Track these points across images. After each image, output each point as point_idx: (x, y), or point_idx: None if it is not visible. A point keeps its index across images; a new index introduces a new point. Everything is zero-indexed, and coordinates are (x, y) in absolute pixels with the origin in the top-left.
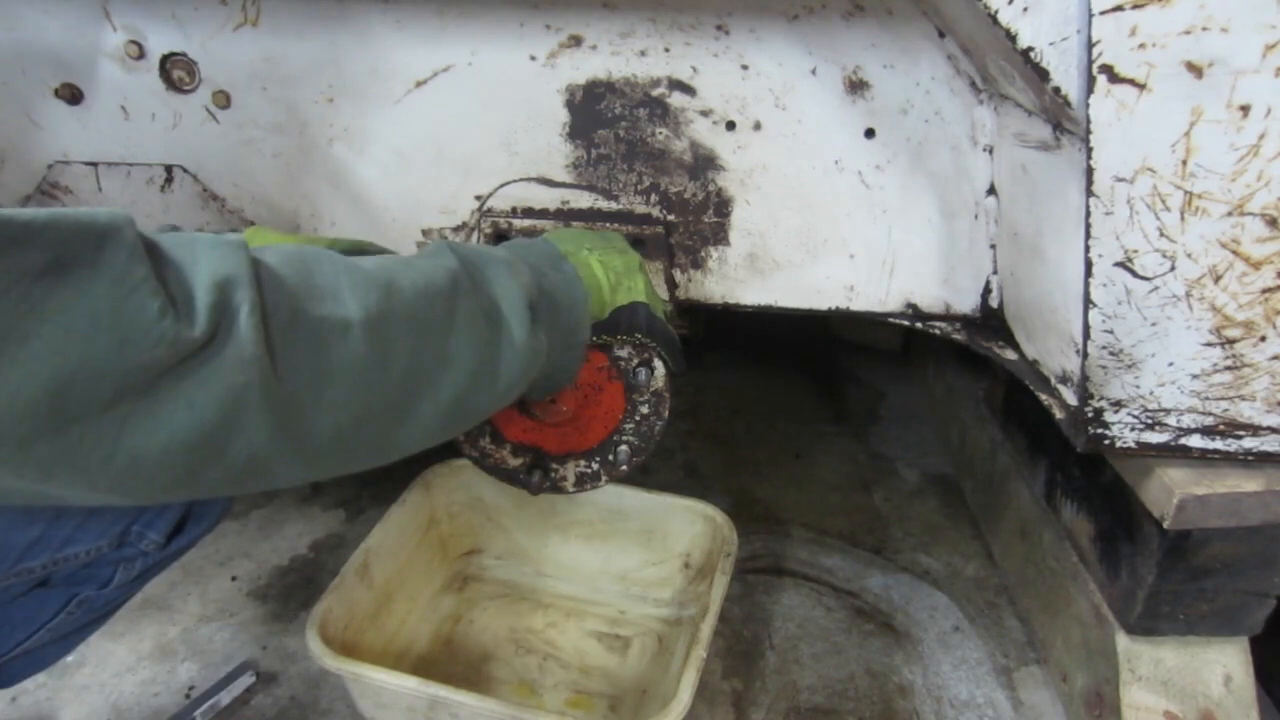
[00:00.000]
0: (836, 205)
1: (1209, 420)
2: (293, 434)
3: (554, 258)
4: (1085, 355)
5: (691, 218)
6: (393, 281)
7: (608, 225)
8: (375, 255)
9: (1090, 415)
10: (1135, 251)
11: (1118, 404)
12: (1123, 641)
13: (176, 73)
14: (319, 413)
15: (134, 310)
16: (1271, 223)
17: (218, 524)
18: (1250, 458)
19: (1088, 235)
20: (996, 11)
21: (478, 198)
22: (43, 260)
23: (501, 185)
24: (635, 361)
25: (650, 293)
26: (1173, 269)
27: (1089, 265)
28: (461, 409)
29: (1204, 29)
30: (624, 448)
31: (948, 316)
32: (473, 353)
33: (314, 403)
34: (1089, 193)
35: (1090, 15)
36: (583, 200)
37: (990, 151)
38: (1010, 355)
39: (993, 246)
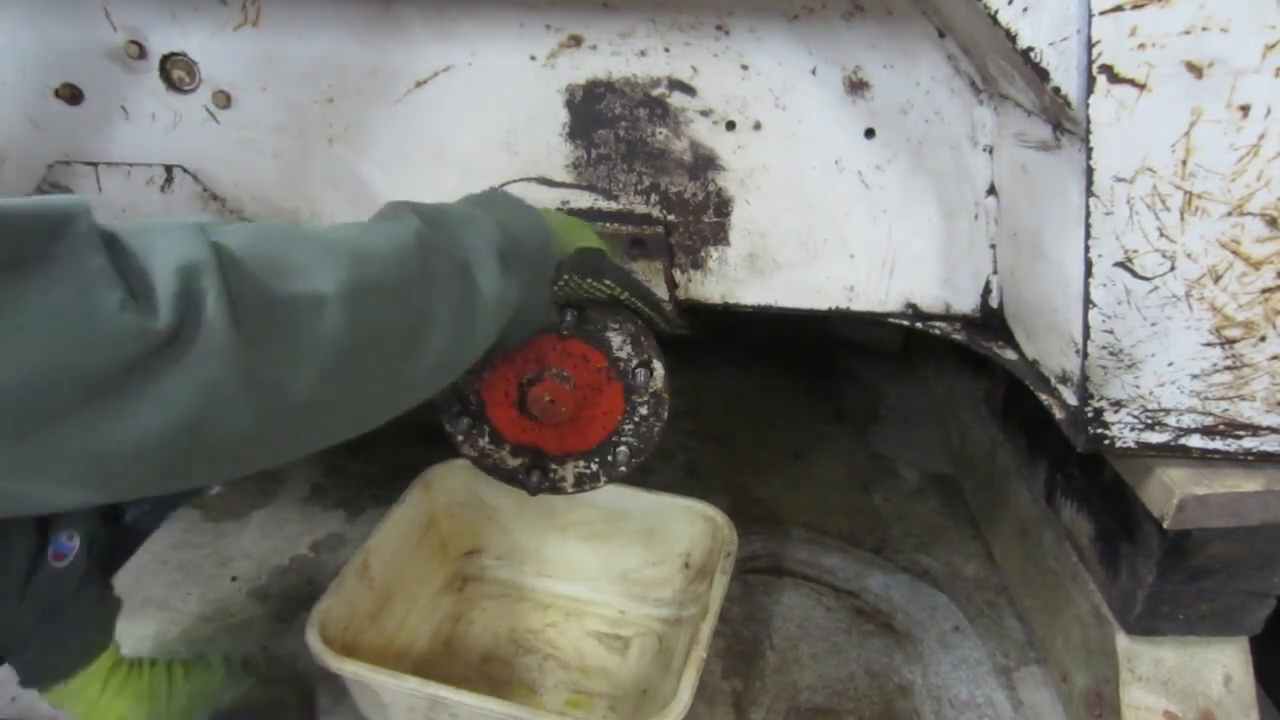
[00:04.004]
0: (836, 205)
1: (1209, 420)
2: (279, 417)
3: (514, 202)
4: (1085, 355)
5: (691, 218)
6: (363, 250)
7: (607, 225)
8: (336, 224)
9: (1090, 415)
10: (1135, 251)
11: (1118, 404)
12: (1123, 641)
13: (176, 73)
14: (303, 392)
15: (93, 305)
16: (1271, 223)
17: None
18: (1250, 458)
19: (1088, 235)
20: (996, 11)
21: None
22: None
23: (501, 185)
24: (635, 363)
25: (606, 246)
26: (1173, 269)
27: (1089, 265)
28: (444, 366)
29: (1204, 29)
30: (623, 448)
31: (948, 316)
32: (450, 311)
33: (297, 382)
34: (1089, 193)
35: (1090, 15)
36: (583, 200)
37: (990, 151)
38: (1010, 355)
39: (993, 246)
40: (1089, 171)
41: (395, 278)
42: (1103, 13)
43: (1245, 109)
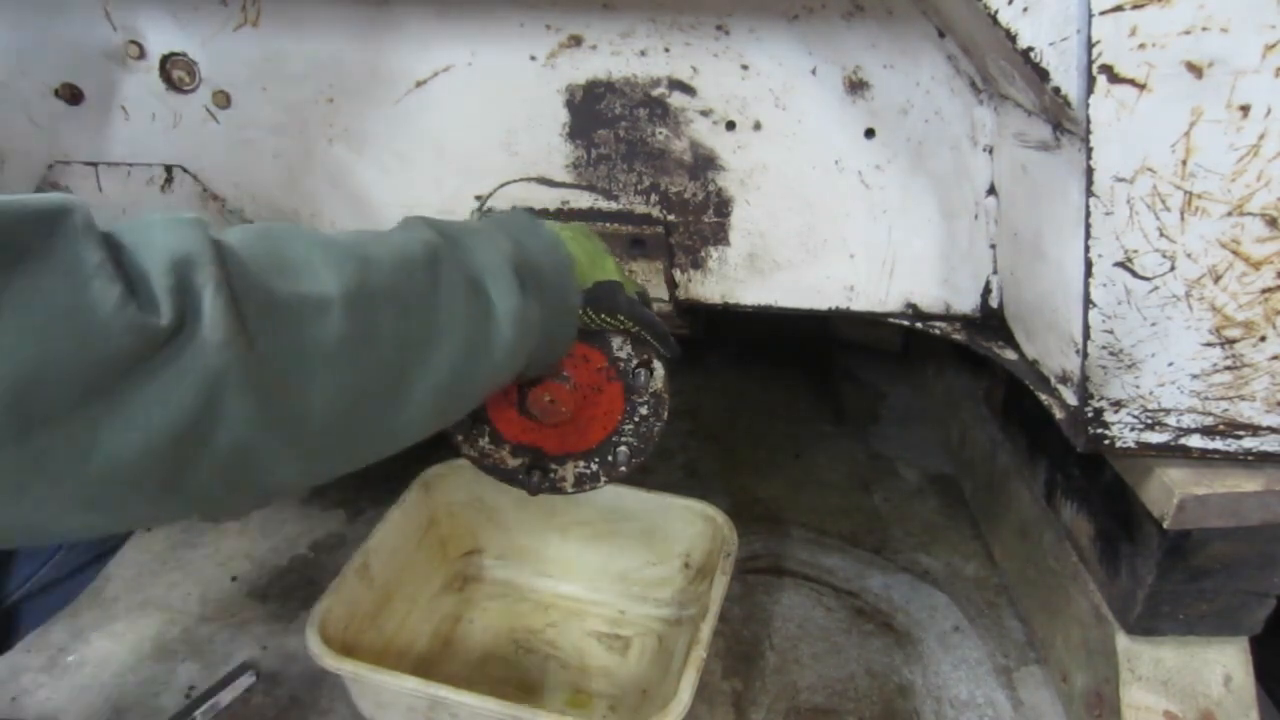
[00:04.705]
0: (836, 205)
1: (1209, 420)
2: (281, 422)
3: (532, 225)
4: (1085, 355)
5: (691, 218)
6: (368, 255)
7: (608, 225)
8: (344, 230)
9: (1090, 415)
10: (1135, 251)
11: (1118, 404)
12: (1123, 641)
13: (176, 73)
14: (308, 397)
15: (93, 300)
16: (1271, 223)
17: None
18: (1250, 458)
19: (1088, 235)
20: (996, 11)
21: (478, 198)
22: None
23: (501, 185)
24: (635, 363)
25: (623, 276)
26: (1173, 269)
27: (1089, 265)
28: (459, 386)
29: (1204, 29)
30: (623, 449)
31: (948, 316)
32: (462, 325)
33: (301, 387)
34: (1089, 193)
35: (1090, 15)
36: (583, 200)
37: (990, 151)
38: (1010, 355)
39: (993, 246)
40: (1089, 171)
41: (401, 286)
42: (1103, 13)
43: (1245, 109)
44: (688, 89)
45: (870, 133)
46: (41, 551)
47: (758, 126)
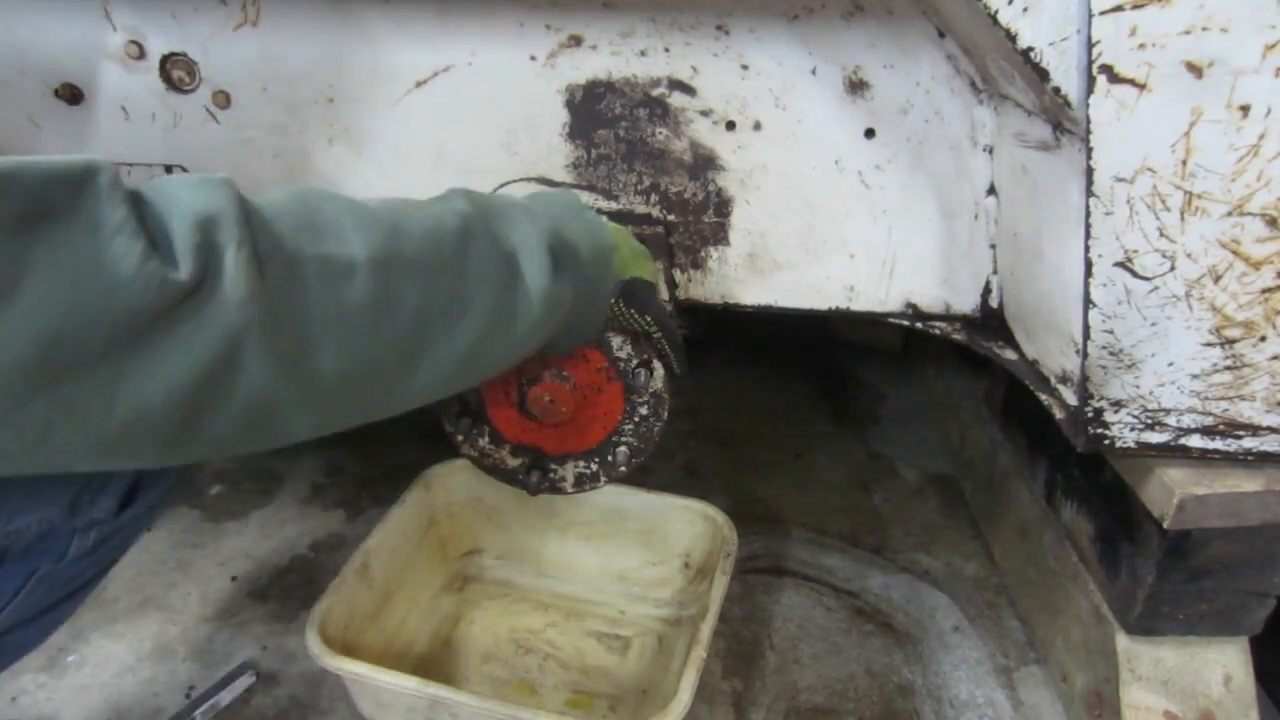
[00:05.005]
0: (837, 205)
1: (1209, 420)
2: (298, 378)
3: (576, 207)
4: (1085, 355)
5: (691, 218)
6: (400, 223)
7: None
8: (379, 197)
9: (1090, 415)
10: (1135, 251)
11: (1118, 404)
12: (1123, 641)
13: (176, 73)
14: (325, 356)
15: (117, 256)
16: (1271, 223)
17: (170, 493)
18: (1250, 458)
19: (1088, 235)
20: (996, 11)
21: None
22: (17, 210)
23: (501, 185)
24: (635, 363)
25: (659, 282)
26: (1173, 269)
27: (1089, 265)
28: (478, 357)
29: (1204, 29)
30: (623, 449)
31: (948, 316)
32: (488, 298)
33: (319, 345)
34: (1089, 193)
35: (1090, 15)
36: (583, 200)
37: (990, 151)
38: (1010, 355)
39: (993, 246)
40: (1089, 171)
41: (429, 256)
42: (1103, 13)
43: (1245, 109)
44: (688, 89)
45: (870, 133)
46: (3, 592)
47: (758, 126)
